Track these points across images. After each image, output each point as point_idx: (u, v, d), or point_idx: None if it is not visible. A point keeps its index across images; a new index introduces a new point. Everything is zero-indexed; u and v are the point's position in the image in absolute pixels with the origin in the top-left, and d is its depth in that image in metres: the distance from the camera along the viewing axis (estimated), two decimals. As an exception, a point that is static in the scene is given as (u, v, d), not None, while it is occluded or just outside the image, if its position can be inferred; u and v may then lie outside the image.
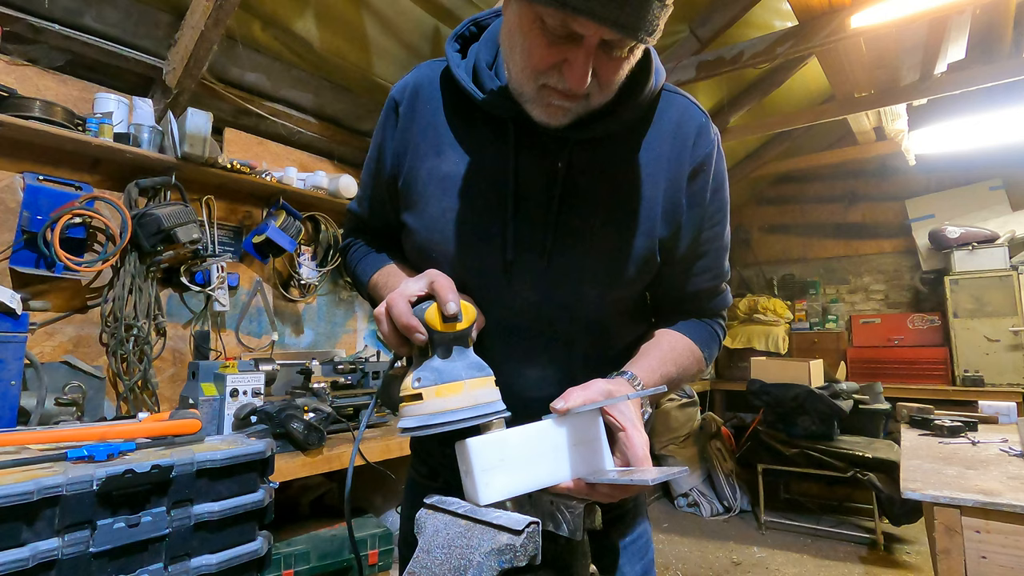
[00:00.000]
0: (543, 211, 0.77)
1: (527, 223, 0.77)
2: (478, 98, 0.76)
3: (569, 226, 0.76)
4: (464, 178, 0.79)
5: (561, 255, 0.77)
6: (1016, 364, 4.14)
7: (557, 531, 0.65)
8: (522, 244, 0.77)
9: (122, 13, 2.04)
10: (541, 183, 0.77)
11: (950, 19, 2.81)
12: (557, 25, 0.62)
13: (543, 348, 0.79)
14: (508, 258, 0.77)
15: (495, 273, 0.78)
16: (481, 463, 0.63)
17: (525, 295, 0.78)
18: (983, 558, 1.43)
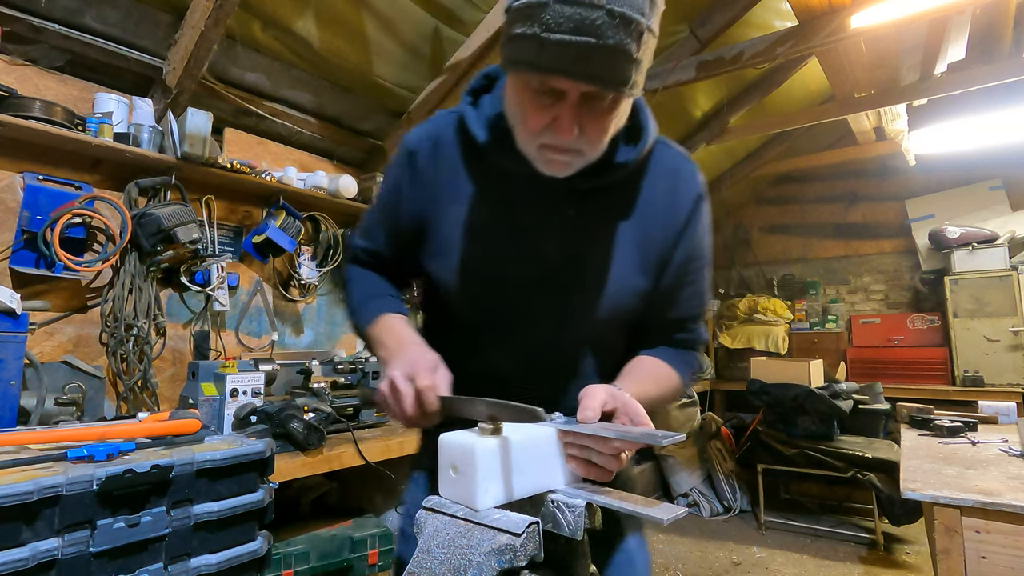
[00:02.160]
0: (556, 256, 0.86)
1: (542, 268, 0.87)
2: (492, 157, 0.86)
3: (580, 267, 0.87)
4: (484, 227, 0.88)
5: (575, 295, 0.87)
6: (1016, 364, 4.14)
7: (557, 531, 0.65)
8: (537, 287, 0.87)
9: (122, 13, 2.04)
10: (553, 230, 0.86)
11: (950, 19, 2.81)
12: (540, 86, 0.71)
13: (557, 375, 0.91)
14: (524, 302, 0.88)
15: (513, 315, 0.89)
16: (484, 470, 0.63)
17: (542, 334, 0.89)
18: (983, 558, 1.43)
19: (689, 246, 0.90)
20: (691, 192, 0.90)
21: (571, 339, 0.90)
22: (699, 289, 0.94)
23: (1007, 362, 4.18)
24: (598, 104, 0.71)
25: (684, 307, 0.94)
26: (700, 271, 0.94)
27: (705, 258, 0.94)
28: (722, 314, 5.79)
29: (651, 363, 0.92)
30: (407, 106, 3.01)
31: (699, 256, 0.93)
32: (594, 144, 0.76)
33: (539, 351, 0.89)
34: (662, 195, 0.88)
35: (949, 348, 4.50)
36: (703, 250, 0.93)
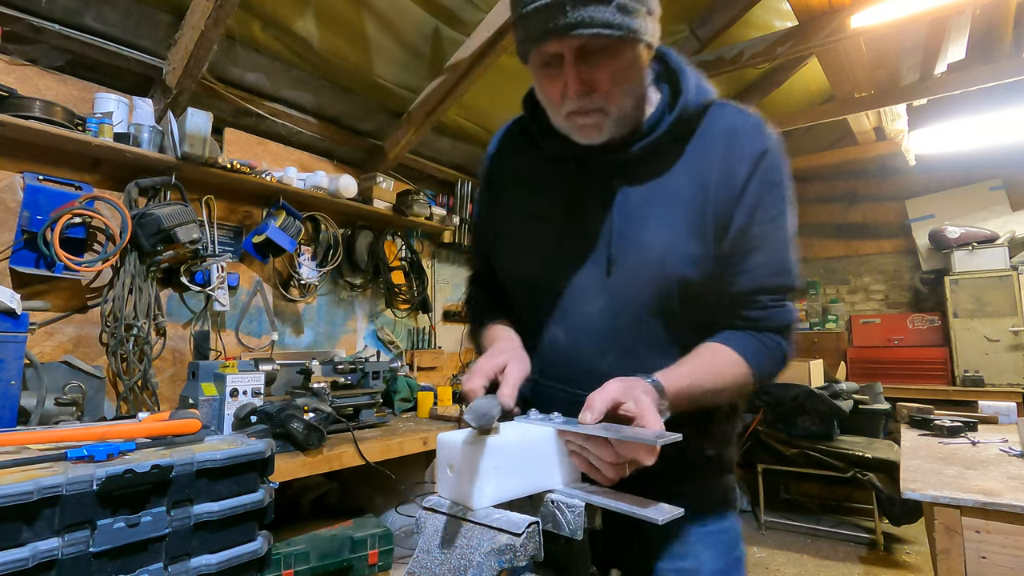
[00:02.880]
0: (604, 230, 0.86)
1: (590, 243, 0.87)
2: (543, 145, 0.91)
3: (626, 239, 0.84)
4: (537, 211, 0.92)
5: (621, 267, 0.85)
6: (1016, 364, 4.14)
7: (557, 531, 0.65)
8: (587, 263, 0.87)
9: (122, 13, 2.04)
10: (602, 205, 0.86)
11: (950, 19, 2.81)
12: (541, 59, 0.77)
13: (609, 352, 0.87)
14: (576, 278, 0.88)
15: (565, 292, 0.89)
16: (479, 468, 0.63)
17: (593, 309, 0.87)
18: (983, 558, 1.43)
19: (750, 206, 0.81)
20: (751, 149, 0.82)
21: (623, 313, 0.85)
22: (771, 256, 0.83)
23: (1007, 362, 4.18)
24: (597, 57, 0.74)
25: (752, 277, 0.83)
26: (769, 235, 0.83)
27: (777, 220, 0.83)
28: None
29: (711, 349, 0.83)
30: (407, 106, 3.01)
31: (765, 218, 0.82)
32: (610, 97, 0.77)
33: (592, 327, 0.87)
34: (717, 156, 0.83)
35: (949, 348, 4.50)
36: (771, 211, 0.83)
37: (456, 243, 3.69)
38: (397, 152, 3.12)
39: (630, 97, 0.80)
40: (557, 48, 0.74)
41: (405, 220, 3.21)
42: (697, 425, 0.86)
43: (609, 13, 0.70)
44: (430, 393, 2.92)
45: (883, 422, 3.87)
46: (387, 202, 3.11)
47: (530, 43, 0.76)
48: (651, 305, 0.84)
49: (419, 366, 3.45)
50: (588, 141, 0.82)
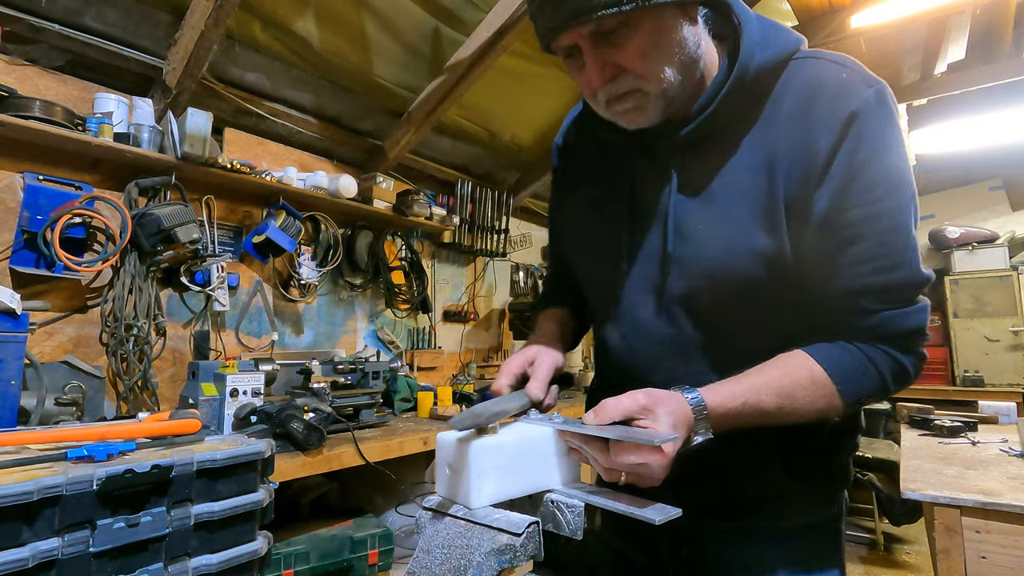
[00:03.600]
0: (660, 225, 0.77)
1: (644, 231, 0.79)
2: (603, 134, 0.84)
3: (682, 227, 0.75)
4: (597, 200, 0.87)
5: (678, 266, 0.76)
6: (1016, 364, 4.14)
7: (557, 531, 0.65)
8: (640, 252, 0.80)
9: (122, 13, 2.04)
10: (658, 192, 0.78)
11: (950, 19, 2.81)
12: (564, 53, 0.71)
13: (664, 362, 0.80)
14: (630, 277, 0.81)
15: (622, 293, 0.82)
16: (477, 468, 0.63)
17: (645, 311, 0.80)
18: (983, 558, 1.43)
19: (838, 186, 0.66)
20: (835, 112, 0.66)
21: (681, 318, 0.76)
22: (875, 248, 0.66)
23: (1007, 362, 4.18)
24: (615, 37, 0.66)
25: (850, 276, 0.67)
26: (872, 221, 0.66)
27: (882, 202, 0.66)
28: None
29: (786, 362, 0.69)
30: (407, 106, 3.01)
31: (863, 200, 0.65)
32: (644, 74, 0.68)
33: (647, 332, 0.79)
34: (792, 125, 0.69)
35: (949, 348, 4.50)
36: (872, 191, 0.65)
37: (456, 243, 3.70)
38: (397, 152, 3.12)
39: (671, 67, 0.68)
40: (570, 39, 0.68)
41: (405, 220, 3.21)
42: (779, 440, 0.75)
43: None
44: (430, 393, 2.92)
45: (883, 422, 3.86)
46: (387, 202, 3.11)
47: (545, 39, 0.70)
48: (711, 310, 0.74)
49: (419, 366, 3.45)
50: (635, 126, 0.73)
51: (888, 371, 0.68)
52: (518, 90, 3.29)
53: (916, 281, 0.67)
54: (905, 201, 0.67)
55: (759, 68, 0.69)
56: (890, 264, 0.66)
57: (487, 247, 3.84)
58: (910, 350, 0.68)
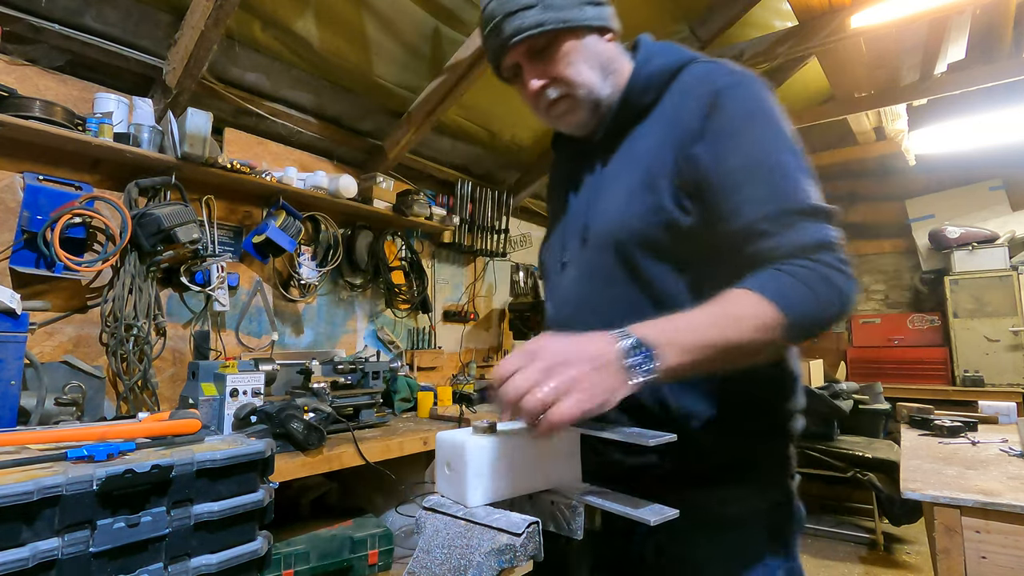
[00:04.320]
0: (583, 207, 0.92)
1: (575, 223, 0.93)
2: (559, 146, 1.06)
3: (595, 209, 0.89)
4: (555, 202, 1.04)
5: (591, 235, 0.89)
6: (1016, 364, 4.14)
7: (557, 531, 0.65)
8: (572, 241, 0.93)
9: (122, 13, 2.04)
10: (587, 187, 0.94)
11: (950, 19, 2.81)
12: (510, 74, 0.91)
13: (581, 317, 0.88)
14: (563, 256, 0.94)
15: (559, 271, 0.95)
16: (474, 466, 0.63)
17: (568, 279, 0.92)
18: (983, 558, 1.43)
19: (717, 141, 0.77)
20: (706, 89, 0.80)
21: (595, 278, 0.87)
22: (762, 187, 0.73)
23: (1007, 362, 4.18)
24: (544, 53, 0.85)
25: (743, 212, 0.73)
26: (754, 167, 0.75)
27: (761, 150, 0.75)
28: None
29: (721, 297, 0.70)
30: (407, 106, 3.01)
31: (742, 151, 0.75)
32: (570, 81, 0.86)
33: (569, 295, 0.92)
34: (678, 108, 0.82)
35: (949, 348, 4.50)
36: (749, 144, 0.76)
37: (456, 243, 3.69)
38: (397, 152, 3.12)
39: (593, 73, 0.86)
40: (512, 60, 0.87)
41: (405, 220, 3.21)
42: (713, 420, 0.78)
43: (536, 14, 0.82)
44: (430, 393, 2.92)
45: (883, 422, 3.86)
46: (387, 202, 3.11)
47: (496, 65, 0.91)
48: (616, 266, 0.84)
49: (419, 366, 3.45)
50: (571, 128, 0.92)
51: (809, 279, 0.68)
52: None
53: (806, 207, 0.72)
54: (777, 149, 0.76)
55: (649, 75, 0.86)
56: (778, 195, 0.73)
57: (487, 247, 3.84)
58: (821, 261, 0.70)
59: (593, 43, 0.86)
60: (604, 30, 0.88)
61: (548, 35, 0.83)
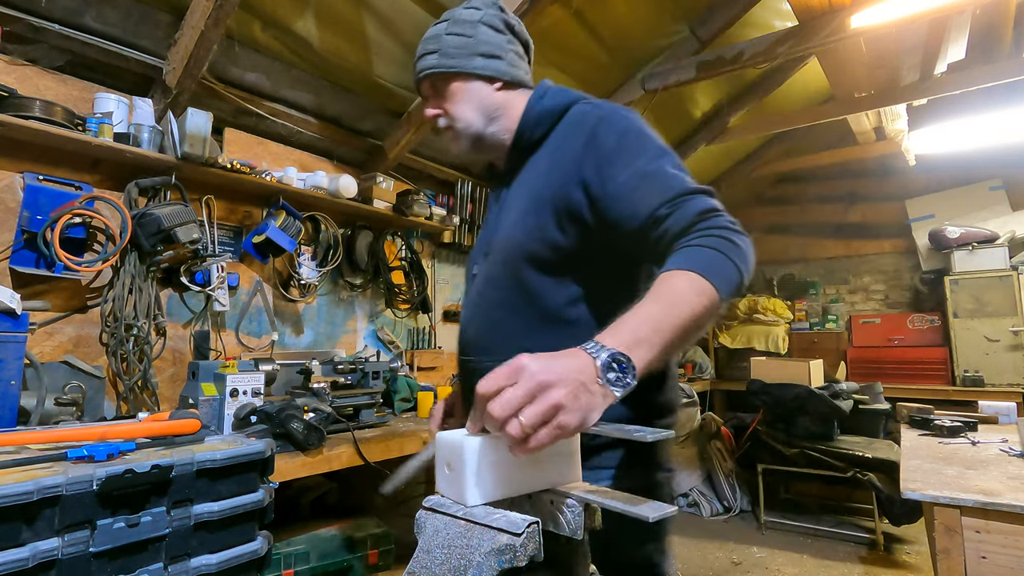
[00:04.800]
0: (493, 223, 1.07)
1: (484, 243, 1.08)
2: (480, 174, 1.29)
3: (495, 229, 1.05)
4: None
5: (491, 252, 1.03)
6: (1016, 364, 4.14)
7: (557, 531, 0.65)
8: (480, 258, 1.08)
9: (122, 13, 2.04)
10: (495, 211, 1.09)
11: (950, 19, 2.81)
12: (424, 97, 1.12)
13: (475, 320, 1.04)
14: (472, 271, 1.10)
15: (470, 279, 1.11)
16: (473, 466, 0.63)
17: (473, 289, 1.07)
18: (983, 558, 1.43)
19: (598, 158, 0.90)
20: (585, 124, 0.95)
21: (489, 287, 1.01)
22: (647, 192, 0.84)
23: (1007, 362, 4.18)
24: (439, 89, 1.06)
25: (637, 213, 0.84)
26: (639, 182, 0.85)
27: (640, 169, 0.86)
28: (722, 314, 5.78)
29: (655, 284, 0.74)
30: (407, 106, 3.01)
31: (620, 161, 0.88)
32: (452, 116, 1.05)
33: (472, 301, 1.06)
34: (562, 141, 0.98)
35: (949, 348, 4.50)
36: (629, 166, 0.87)
37: (456, 243, 3.70)
38: (397, 152, 3.12)
39: (473, 113, 1.04)
40: (423, 89, 1.10)
41: (405, 220, 3.21)
42: None
43: (435, 59, 1.04)
44: (430, 393, 2.92)
45: (883, 422, 3.87)
46: (387, 202, 3.11)
47: (416, 88, 1.13)
48: (505, 276, 0.98)
49: (419, 366, 3.45)
50: (457, 152, 1.10)
51: (719, 246, 0.76)
52: (518, 90, 3.28)
53: (688, 189, 0.84)
54: (653, 157, 0.88)
55: (540, 113, 1.01)
56: (664, 189, 0.84)
57: (487, 247, 3.84)
58: (717, 225, 0.79)
59: (478, 88, 1.03)
60: (492, 79, 1.04)
61: (441, 76, 1.04)
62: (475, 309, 1.04)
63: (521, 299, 0.95)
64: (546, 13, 2.66)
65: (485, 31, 1.03)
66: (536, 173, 0.99)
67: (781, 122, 4.31)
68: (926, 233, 4.78)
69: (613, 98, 3.57)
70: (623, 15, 3.02)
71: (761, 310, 5.39)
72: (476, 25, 1.03)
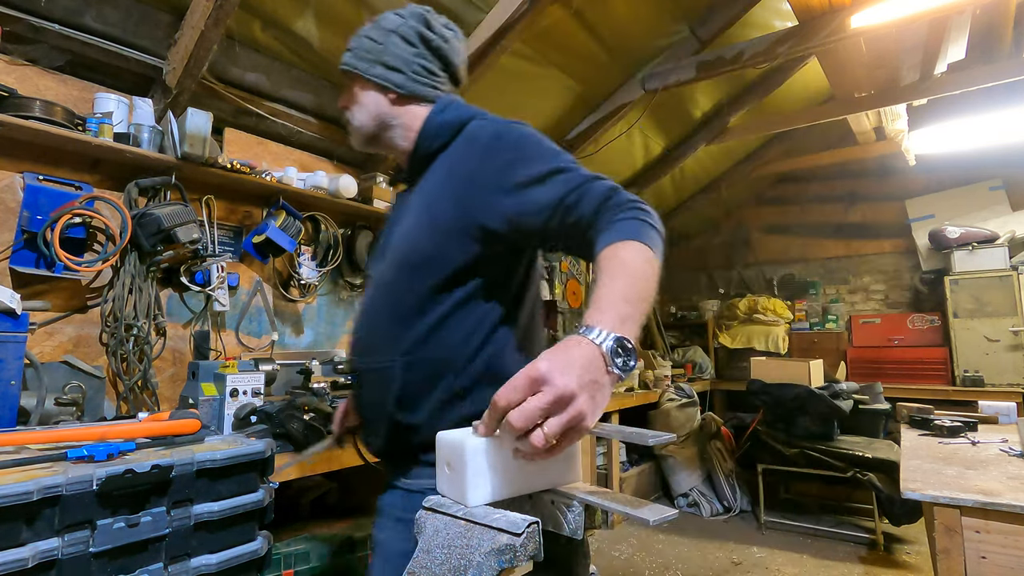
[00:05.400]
0: (392, 228, 1.11)
1: (385, 240, 1.13)
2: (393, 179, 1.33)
3: (392, 234, 1.09)
4: None
5: (387, 256, 1.06)
6: (1016, 364, 4.14)
7: (557, 531, 0.65)
8: (379, 256, 1.12)
9: (122, 13, 2.04)
10: (399, 211, 1.12)
11: (950, 19, 2.81)
12: None
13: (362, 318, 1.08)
14: (372, 273, 1.13)
15: (370, 281, 1.13)
16: (473, 467, 0.63)
17: (369, 291, 1.09)
18: (983, 558, 1.43)
19: (498, 167, 0.93)
20: (480, 138, 0.99)
21: (379, 287, 1.05)
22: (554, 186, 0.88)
23: (1007, 362, 4.18)
24: (348, 85, 1.13)
25: (549, 200, 0.88)
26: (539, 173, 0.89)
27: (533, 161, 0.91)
28: (722, 314, 5.79)
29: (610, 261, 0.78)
30: (407, 106, 3.01)
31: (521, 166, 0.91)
32: (351, 112, 1.12)
33: (364, 302, 1.10)
34: (458, 156, 1.01)
35: (949, 348, 4.50)
36: (522, 160, 0.92)
37: (456, 243, 3.69)
38: (397, 152, 3.12)
39: (363, 115, 1.09)
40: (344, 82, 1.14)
41: (405, 220, 3.21)
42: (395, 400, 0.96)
43: (348, 56, 1.11)
44: (430, 393, 2.91)
45: (883, 422, 3.87)
46: (387, 202, 3.11)
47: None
48: (393, 279, 1.01)
49: (419, 366, 3.45)
50: (355, 146, 1.16)
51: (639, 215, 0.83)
52: (518, 90, 3.29)
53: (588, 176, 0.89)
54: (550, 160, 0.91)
55: (439, 125, 1.04)
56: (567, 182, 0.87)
57: (487, 247, 3.84)
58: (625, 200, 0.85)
59: (373, 96, 1.08)
60: (387, 90, 1.08)
61: (347, 75, 1.12)
62: (366, 312, 1.07)
63: (408, 305, 0.97)
64: (546, 13, 2.66)
65: (395, 42, 1.08)
66: (433, 183, 1.02)
67: (781, 122, 4.31)
68: (926, 233, 4.78)
69: (613, 98, 3.58)
70: (623, 15, 3.02)
71: (761, 310, 5.39)
72: (389, 34, 1.09)
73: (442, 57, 1.11)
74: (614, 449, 3.99)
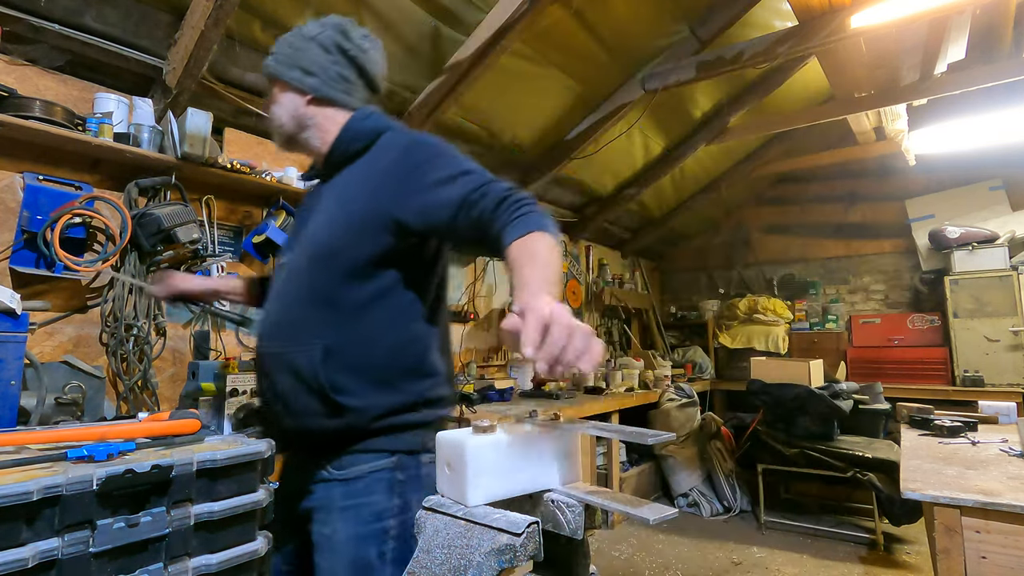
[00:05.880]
0: (304, 222, 1.19)
1: (296, 232, 1.22)
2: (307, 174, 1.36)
3: (307, 225, 1.16)
4: None
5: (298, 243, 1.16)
6: (1016, 364, 4.15)
7: (557, 531, 0.65)
8: (289, 248, 1.21)
9: (122, 13, 2.04)
10: (311, 206, 1.20)
11: (950, 19, 2.81)
12: None
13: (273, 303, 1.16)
14: (283, 262, 1.20)
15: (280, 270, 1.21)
16: (474, 467, 0.63)
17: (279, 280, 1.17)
18: (983, 558, 1.43)
19: (410, 172, 1.04)
20: (395, 147, 1.10)
21: (291, 274, 1.12)
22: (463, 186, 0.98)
23: (1007, 362, 4.18)
24: (270, 87, 1.23)
25: (454, 195, 0.98)
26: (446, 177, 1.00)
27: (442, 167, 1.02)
28: (722, 314, 5.79)
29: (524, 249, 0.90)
30: (407, 106, 3.01)
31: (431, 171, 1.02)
32: (271, 114, 1.23)
33: (275, 288, 1.16)
34: (374, 162, 1.12)
35: (949, 348, 4.50)
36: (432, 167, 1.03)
37: (456, 243, 3.69)
38: (397, 152, 3.12)
39: (283, 115, 1.19)
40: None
41: (405, 220, 3.21)
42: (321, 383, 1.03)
43: (270, 60, 1.20)
44: (430, 393, 2.91)
45: (883, 422, 3.87)
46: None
47: None
48: (308, 271, 1.09)
49: (419, 366, 3.45)
50: (276, 145, 1.27)
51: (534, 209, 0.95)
52: (518, 90, 3.29)
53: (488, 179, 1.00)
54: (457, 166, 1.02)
55: (358, 131, 1.14)
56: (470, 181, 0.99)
57: (487, 247, 3.84)
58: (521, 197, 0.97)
59: (291, 97, 1.18)
60: (303, 92, 1.17)
61: (269, 77, 1.21)
62: (277, 299, 1.14)
63: (320, 295, 1.06)
64: (546, 13, 2.65)
65: (314, 49, 1.17)
66: (348, 184, 1.12)
67: (781, 122, 4.31)
68: (926, 233, 4.78)
69: (613, 98, 3.58)
70: (623, 15, 3.02)
71: (761, 310, 5.39)
72: (308, 41, 1.17)
73: (358, 66, 1.19)
74: (614, 449, 3.99)
